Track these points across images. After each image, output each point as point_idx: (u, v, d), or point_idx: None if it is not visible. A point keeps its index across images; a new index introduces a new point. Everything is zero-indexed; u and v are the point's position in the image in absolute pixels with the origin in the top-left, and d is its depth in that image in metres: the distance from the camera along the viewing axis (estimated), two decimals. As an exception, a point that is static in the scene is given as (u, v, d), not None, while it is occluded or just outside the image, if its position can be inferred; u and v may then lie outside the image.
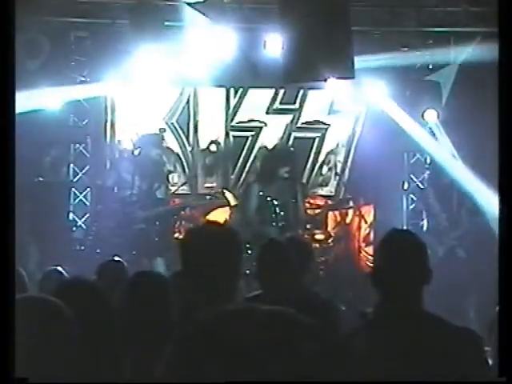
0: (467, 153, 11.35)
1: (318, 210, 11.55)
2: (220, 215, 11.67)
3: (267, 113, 12.21)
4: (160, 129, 11.72)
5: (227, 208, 11.82)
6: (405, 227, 11.08)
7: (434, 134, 11.87)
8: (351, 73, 7.28)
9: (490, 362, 3.68)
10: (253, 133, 12.20)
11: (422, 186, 12.04)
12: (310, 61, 6.91)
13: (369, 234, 11.78)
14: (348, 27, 7.22)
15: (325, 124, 12.29)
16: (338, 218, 11.87)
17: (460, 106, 11.26)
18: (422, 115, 11.88)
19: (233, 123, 12.23)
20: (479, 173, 10.77)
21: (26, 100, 10.26)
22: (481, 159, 10.79)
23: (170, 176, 11.68)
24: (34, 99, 11.00)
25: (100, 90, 11.75)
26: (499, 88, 3.61)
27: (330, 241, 11.69)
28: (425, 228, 11.73)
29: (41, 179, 11.63)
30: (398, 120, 11.69)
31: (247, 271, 6.07)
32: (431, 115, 11.83)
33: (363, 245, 11.75)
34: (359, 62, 11.51)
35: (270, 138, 12.04)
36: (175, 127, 12.16)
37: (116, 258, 6.38)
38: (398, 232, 3.74)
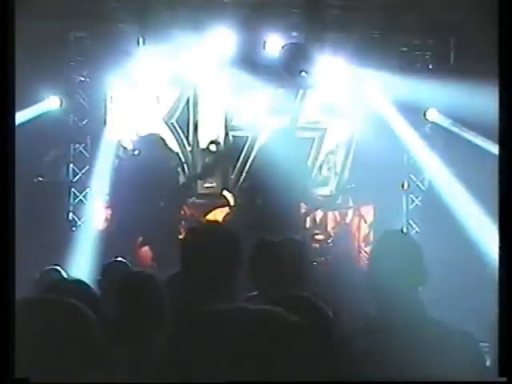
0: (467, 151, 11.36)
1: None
2: (219, 215, 11.68)
3: (267, 113, 12.20)
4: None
5: (227, 208, 11.82)
6: (404, 227, 11.10)
7: (434, 134, 11.89)
8: None
9: (489, 362, 3.68)
10: (253, 133, 12.20)
11: (422, 187, 12.05)
12: None
13: (369, 233, 11.78)
14: None
15: (325, 124, 12.29)
16: (338, 218, 11.87)
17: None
18: (424, 115, 11.91)
19: (233, 123, 12.23)
20: (478, 172, 10.78)
21: (26, 101, 10.27)
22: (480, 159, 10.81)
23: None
24: (34, 100, 11.03)
25: (100, 89, 11.75)
26: (499, 90, 3.61)
27: (329, 241, 11.70)
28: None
29: (41, 179, 11.62)
30: (398, 120, 11.71)
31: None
32: (433, 114, 11.84)
33: (363, 245, 11.75)
34: (359, 61, 11.59)
35: (269, 137, 12.04)
36: (175, 127, 12.16)
37: (119, 259, 6.39)
38: (392, 233, 3.72)
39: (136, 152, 11.52)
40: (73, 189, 11.98)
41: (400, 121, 11.79)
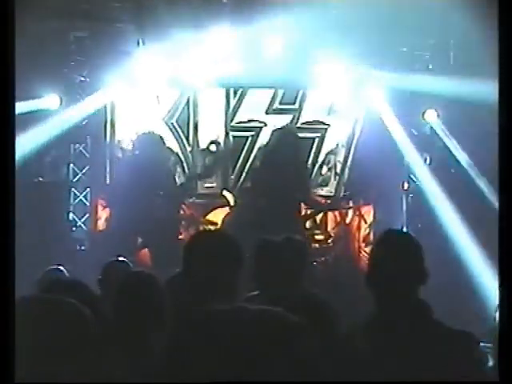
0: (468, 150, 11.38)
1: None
2: (219, 215, 11.68)
3: (267, 113, 12.20)
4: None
5: (227, 208, 11.81)
6: (404, 227, 11.09)
7: (434, 135, 11.90)
8: None
9: (491, 362, 3.68)
10: (253, 133, 12.19)
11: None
12: None
13: (369, 234, 11.77)
14: None
15: (325, 124, 12.29)
16: (338, 218, 11.86)
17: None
18: (423, 115, 11.91)
19: (233, 123, 12.22)
20: (479, 171, 10.81)
21: (25, 100, 10.28)
22: (481, 156, 10.83)
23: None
24: (34, 99, 11.03)
25: (100, 89, 11.74)
26: (499, 90, 3.61)
27: (329, 241, 11.69)
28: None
29: (41, 179, 11.62)
30: (396, 121, 11.73)
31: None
32: (432, 115, 11.84)
33: (363, 245, 11.74)
34: (359, 61, 11.59)
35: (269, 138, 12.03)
36: (175, 127, 12.15)
37: (120, 258, 6.40)
38: (393, 232, 3.72)
39: (133, 152, 11.52)
40: (73, 189, 11.98)
41: (399, 121, 11.79)
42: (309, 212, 11.23)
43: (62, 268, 6.90)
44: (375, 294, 3.43)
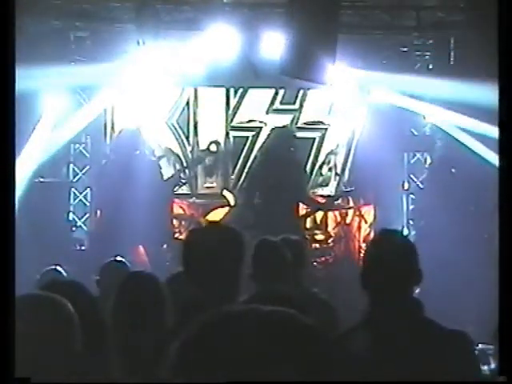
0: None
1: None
2: (219, 215, 11.69)
3: (267, 113, 12.21)
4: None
5: (227, 208, 11.81)
6: (405, 227, 11.10)
7: (433, 135, 11.91)
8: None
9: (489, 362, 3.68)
10: (253, 133, 12.20)
11: (421, 186, 12.04)
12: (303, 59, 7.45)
13: (369, 234, 11.77)
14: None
15: (325, 124, 12.30)
16: (338, 218, 11.87)
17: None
18: (423, 115, 11.91)
19: (233, 123, 12.23)
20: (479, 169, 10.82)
21: (26, 100, 10.28)
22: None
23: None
24: (35, 99, 11.04)
25: (100, 90, 11.74)
26: (499, 90, 3.61)
27: (330, 241, 11.70)
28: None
29: (41, 179, 11.62)
30: (399, 120, 11.73)
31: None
32: (432, 114, 11.85)
33: (363, 245, 11.74)
34: (359, 62, 11.59)
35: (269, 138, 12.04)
36: (175, 127, 12.16)
37: (118, 258, 6.40)
38: (386, 233, 3.71)
39: (118, 150, 11.52)
40: (73, 189, 11.99)
41: (399, 121, 11.80)
42: (306, 211, 11.24)
43: (59, 268, 6.91)
44: (370, 295, 3.43)
